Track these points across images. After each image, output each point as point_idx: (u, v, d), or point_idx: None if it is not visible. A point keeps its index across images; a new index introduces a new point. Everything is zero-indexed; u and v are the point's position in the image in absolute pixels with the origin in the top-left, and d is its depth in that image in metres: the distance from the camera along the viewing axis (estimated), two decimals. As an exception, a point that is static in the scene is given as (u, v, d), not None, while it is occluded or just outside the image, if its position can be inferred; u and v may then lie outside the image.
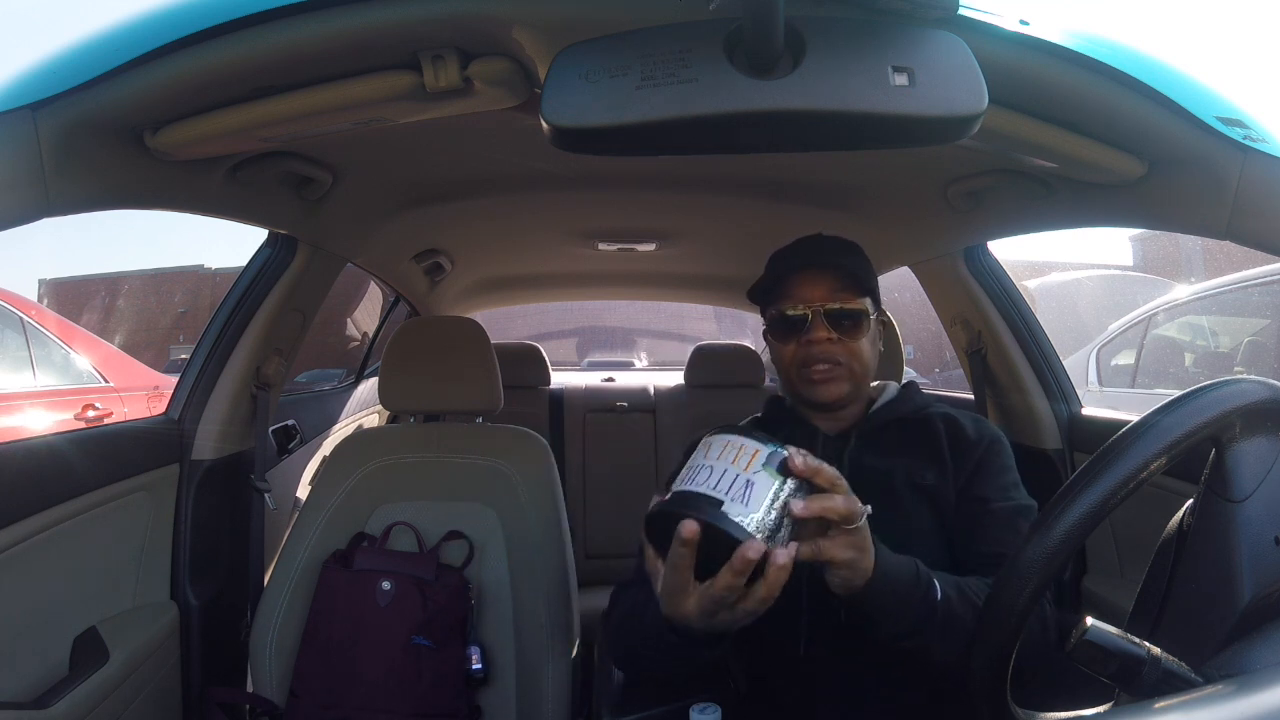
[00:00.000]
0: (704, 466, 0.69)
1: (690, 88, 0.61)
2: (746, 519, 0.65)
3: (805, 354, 0.99)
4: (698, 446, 0.73)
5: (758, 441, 0.69)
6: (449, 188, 1.51)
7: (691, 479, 0.69)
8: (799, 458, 0.68)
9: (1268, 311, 3.37)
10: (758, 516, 0.65)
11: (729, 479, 0.67)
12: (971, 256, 1.57)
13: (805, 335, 0.99)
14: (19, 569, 1.03)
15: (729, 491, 0.66)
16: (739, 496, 0.66)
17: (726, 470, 0.67)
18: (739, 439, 0.69)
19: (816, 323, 0.98)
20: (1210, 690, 0.51)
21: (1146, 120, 0.81)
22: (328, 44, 0.73)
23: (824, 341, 0.98)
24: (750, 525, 0.65)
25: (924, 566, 0.81)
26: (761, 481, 0.67)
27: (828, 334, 0.98)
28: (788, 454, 0.68)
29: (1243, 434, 0.58)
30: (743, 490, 0.66)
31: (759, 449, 0.68)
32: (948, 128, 0.63)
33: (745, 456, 0.68)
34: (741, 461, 0.67)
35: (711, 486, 0.67)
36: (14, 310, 3.37)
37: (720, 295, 2.85)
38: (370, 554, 1.33)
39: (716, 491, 0.66)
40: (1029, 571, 0.57)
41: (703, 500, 0.66)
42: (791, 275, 1.01)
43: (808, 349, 0.99)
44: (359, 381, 2.53)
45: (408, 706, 1.23)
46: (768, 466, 0.67)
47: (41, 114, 0.71)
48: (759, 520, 0.65)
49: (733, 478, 0.67)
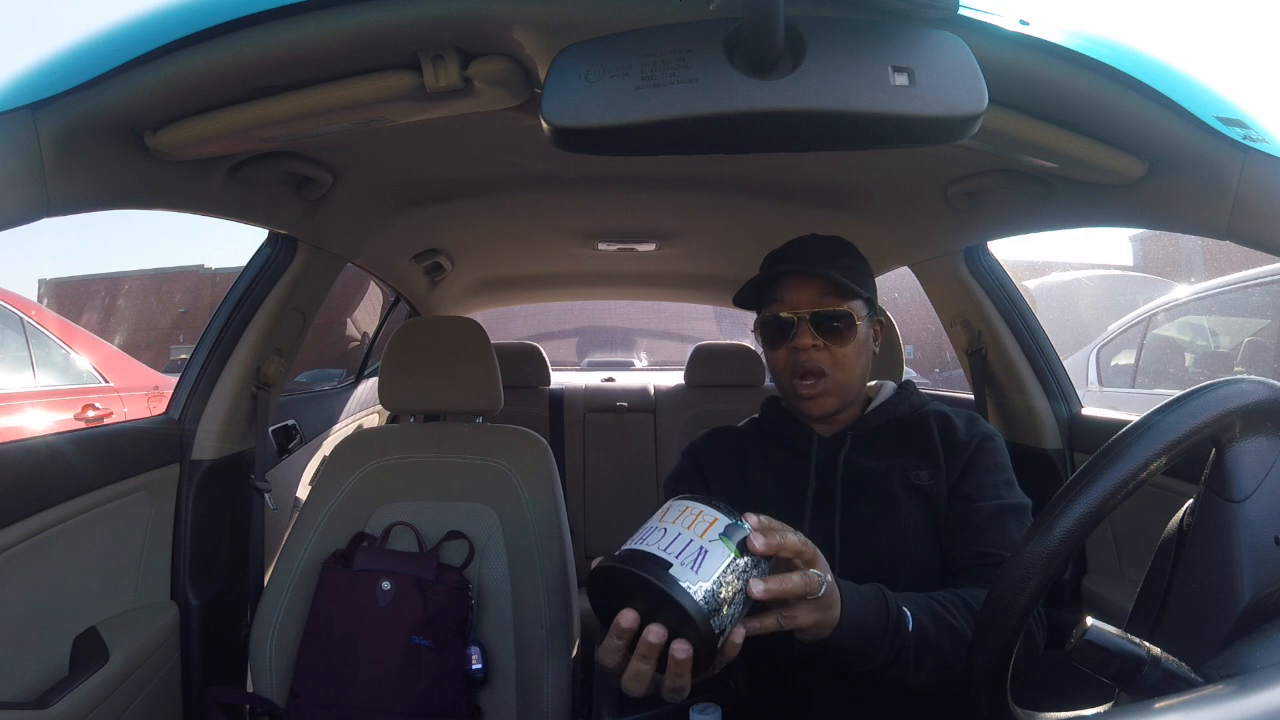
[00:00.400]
0: (658, 528, 0.66)
1: (690, 88, 0.61)
2: (695, 586, 0.62)
3: (794, 361, 0.99)
4: (657, 510, 0.70)
5: (718, 510, 0.66)
6: (449, 188, 1.51)
7: (643, 538, 0.66)
8: (759, 539, 0.66)
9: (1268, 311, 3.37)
10: (706, 586, 0.62)
11: (682, 543, 0.64)
12: (971, 256, 1.57)
13: (792, 341, 0.99)
14: (19, 569, 1.03)
15: (680, 555, 0.63)
16: (689, 562, 0.63)
17: (681, 534, 0.64)
18: (699, 505, 0.67)
19: (802, 329, 0.98)
20: (1210, 690, 0.51)
21: (1146, 120, 0.81)
22: (328, 44, 0.73)
23: (810, 348, 0.98)
24: (698, 594, 0.61)
25: (894, 597, 0.80)
26: (716, 551, 0.64)
27: (814, 340, 0.98)
28: (749, 531, 0.66)
29: (1243, 434, 0.58)
30: (695, 556, 0.63)
31: (718, 518, 0.66)
32: (948, 128, 0.63)
33: (703, 523, 0.65)
34: (698, 528, 0.65)
35: (663, 548, 0.64)
36: (14, 310, 3.37)
37: (720, 295, 2.84)
38: (370, 554, 1.33)
39: (667, 553, 0.63)
40: (1029, 571, 0.57)
41: (651, 560, 0.63)
42: (779, 279, 1.01)
43: (795, 355, 0.99)
44: (359, 381, 2.53)
45: (408, 706, 1.23)
46: (725, 537, 0.65)
47: (41, 114, 0.71)
48: (707, 590, 0.62)
49: (686, 542, 0.64)
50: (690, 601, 0.61)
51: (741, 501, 1.02)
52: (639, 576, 0.62)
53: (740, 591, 0.64)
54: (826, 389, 0.99)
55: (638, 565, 0.63)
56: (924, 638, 0.79)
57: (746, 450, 1.07)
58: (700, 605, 0.61)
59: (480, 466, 1.44)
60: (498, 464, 1.43)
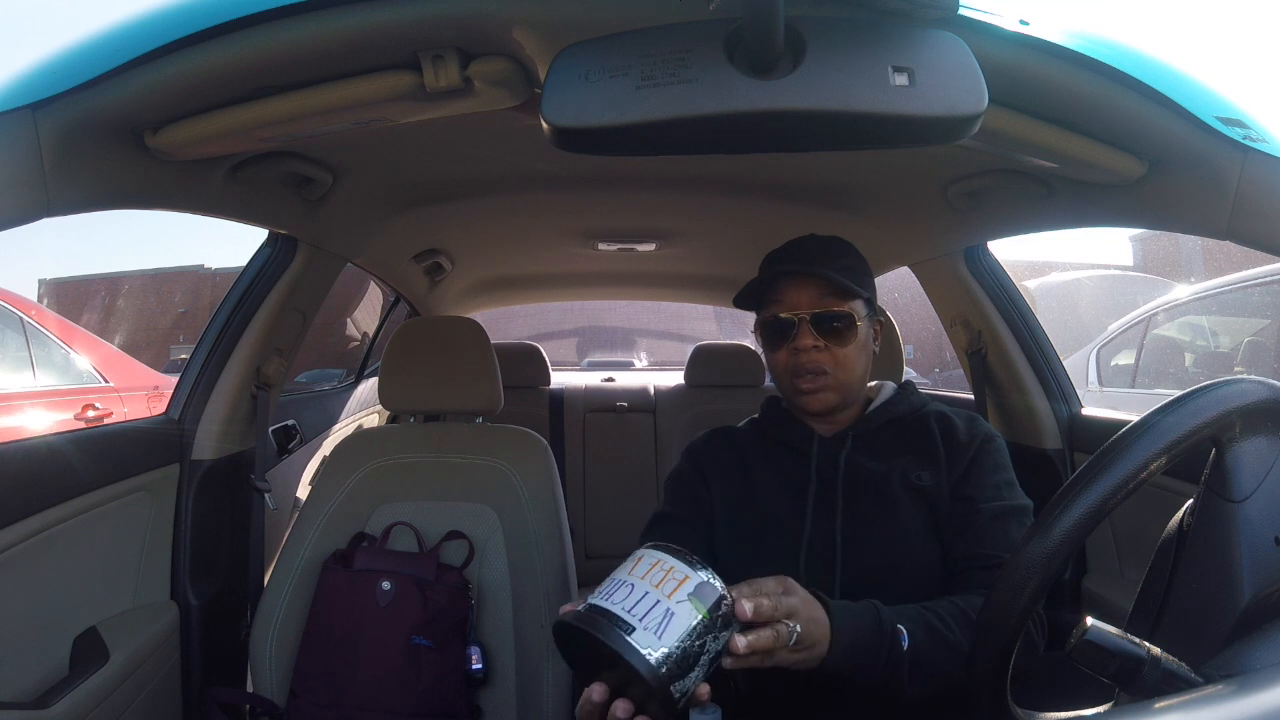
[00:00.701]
0: (626, 583, 0.64)
1: (690, 88, 0.61)
2: (656, 652, 0.60)
3: (794, 362, 0.99)
4: (630, 556, 0.68)
5: (688, 567, 0.65)
6: (449, 188, 1.51)
7: (609, 594, 0.64)
8: (746, 604, 0.66)
9: (1268, 311, 3.37)
10: (667, 650, 0.60)
11: (649, 604, 0.62)
12: (971, 256, 1.57)
13: (792, 342, 0.99)
14: (19, 569, 1.03)
15: (644, 617, 0.61)
16: (653, 626, 0.61)
17: (649, 593, 0.63)
18: (671, 560, 0.65)
19: (803, 329, 0.98)
20: (1210, 690, 0.51)
21: (1146, 120, 0.81)
22: (328, 44, 0.73)
23: (810, 349, 0.98)
24: (658, 660, 0.60)
25: (888, 615, 0.80)
26: (683, 613, 0.62)
27: (814, 340, 0.98)
28: (721, 592, 0.64)
29: (1243, 434, 0.58)
30: (660, 619, 0.61)
31: (688, 575, 0.64)
32: (948, 128, 0.63)
33: (672, 582, 0.63)
34: (667, 587, 0.63)
35: (628, 609, 0.62)
36: (14, 310, 3.37)
37: (720, 295, 2.84)
38: (370, 554, 1.33)
39: (631, 615, 0.61)
40: (1029, 571, 0.57)
41: (614, 621, 0.62)
42: (779, 280, 1.01)
43: (795, 356, 0.99)
44: (359, 381, 2.53)
45: (408, 706, 1.23)
46: (694, 597, 0.63)
47: (41, 114, 0.71)
48: (667, 654, 0.60)
49: (653, 603, 0.62)
50: (648, 669, 0.60)
51: (742, 502, 1.02)
52: (599, 641, 0.61)
53: (707, 654, 0.63)
54: (827, 384, 0.99)
55: (600, 629, 0.62)
56: (919, 654, 0.80)
57: (747, 451, 1.07)
58: (660, 673, 0.60)
59: (480, 466, 1.44)
60: (498, 464, 1.43)
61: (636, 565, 0.66)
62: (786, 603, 0.72)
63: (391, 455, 1.45)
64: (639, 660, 0.60)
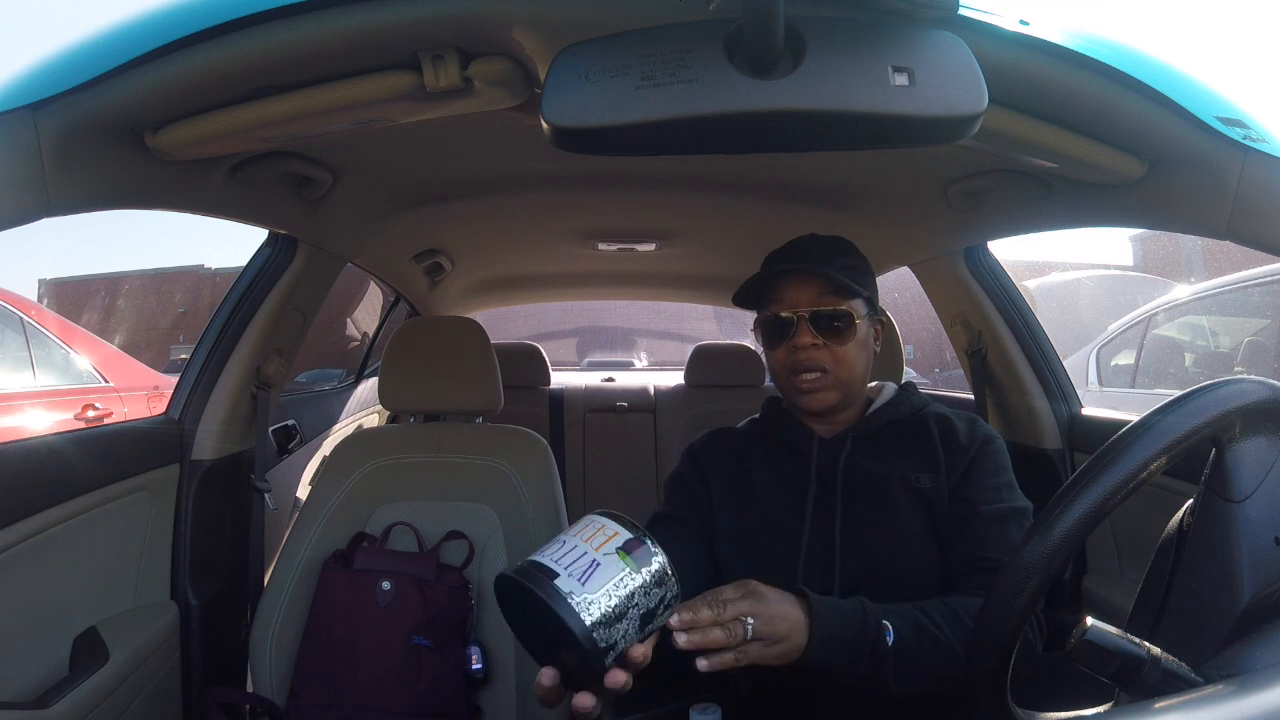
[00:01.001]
0: (559, 541, 0.66)
1: (690, 88, 0.61)
2: (579, 598, 0.61)
3: (793, 360, 0.99)
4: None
5: (621, 525, 0.66)
6: (449, 188, 1.51)
7: (542, 550, 0.65)
8: (677, 616, 0.69)
9: (1268, 311, 3.37)
10: (592, 597, 0.61)
11: (576, 555, 0.63)
12: (971, 256, 1.57)
13: (791, 340, 0.99)
14: (19, 569, 1.03)
15: (570, 566, 0.62)
16: (577, 574, 0.62)
17: (577, 546, 0.64)
18: (604, 520, 0.66)
19: (802, 328, 0.98)
20: (1210, 690, 0.51)
21: (1146, 120, 0.81)
22: (328, 44, 0.73)
23: (809, 347, 0.98)
24: (575, 601, 0.61)
25: (875, 611, 0.81)
26: (609, 564, 0.63)
27: (813, 339, 0.98)
28: (656, 555, 0.65)
29: (1243, 434, 0.58)
30: (585, 568, 0.62)
31: (618, 531, 0.65)
32: (948, 128, 0.63)
33: (602, 537, 0.64)
34: (595, 541, 0.64)
35: (554, 559, 0.63)
36: (14, 310, 3.37)
37: (720, 295, 2.84)
38: (370, 554, 1.33)
39: (557, 564, 0.63)
40: (1028, 571, 0.57)
41: (540, 571, 0.63)
42: (778, 278, 1.01)
43: (794, 354, 0.99)
44: (359, 381, 2.53)
45: (408, 706, 1.23)
46: (622, 551, 0.64)
47: (41, 114, 0.71)
48: (589, 599, 0.61)
49: (579, 554, 0.63)
50: (568, 610, 0.60)
51: (742, 503, 1.02)
52: (524, 586, 0.62)
53: (636, 608, 0.63)
54: (826, 383, 0.99)
55: (527, 576, 0.63)
56: (905, 651, 0.80)
57: (747, 451, 1.07)
58: (581, 619, 0.60)
59: (480, 466, 1.44)
60: (498, 464, 1.43)
61: (573, 527, 0.68)
62: (736, 606, 0.73)
63: (391, 455, 1.45)
64: (559, 603, 0.61)
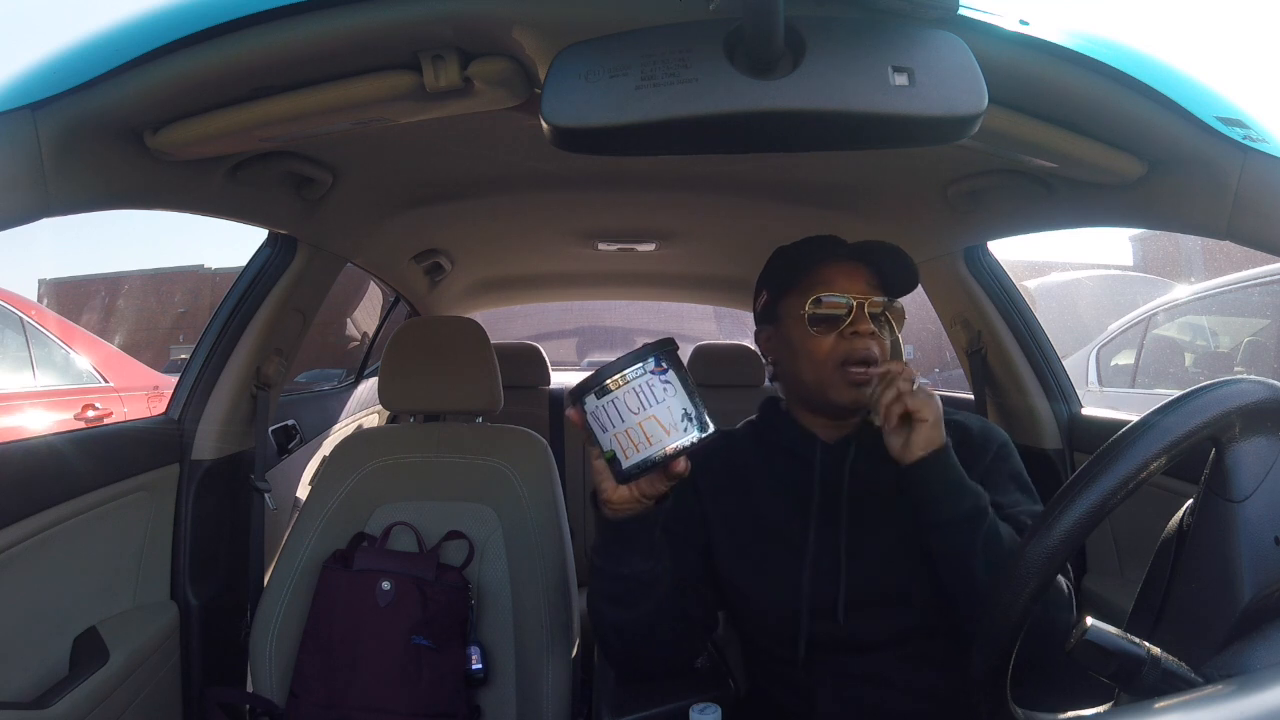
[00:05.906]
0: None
1: (690, 88, 0.61)
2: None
3: (847, 349, 0.92)
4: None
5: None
6: (449, 188, 1.51)
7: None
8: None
9: (1268, 311, 3.37)
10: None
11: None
12: (971, 256, 1.56)
13: (850, 326, 0.92)
14: (19, 569, 1.03)
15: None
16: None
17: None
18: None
19: (859, 315, 0.92)
20: (1210, 690, 0.51)
21: (1146, 120, 0.81)
22: (328, 44, 0.73)
23: (868, 335, 0.92)
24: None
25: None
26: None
27: (870, 327, 0.93)
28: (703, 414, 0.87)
29: (1243, 434, 0.58)
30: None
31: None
32: (948, 128, 0.64)
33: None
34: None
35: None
36: (14, 310, 3.37)
37: (720, 295, 2.84)
38: (370, 554, 1.33)
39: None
40: (1029, 571, 0.57)
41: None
42: (831, 263, 0.96)
43: (849, 343, 0.92)
44: (359, 381, 2.53)
45: (407, 706, 1.23)
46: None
47: (41, 114, 0.71)
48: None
49: None
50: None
51: (740, 513, 1.00)
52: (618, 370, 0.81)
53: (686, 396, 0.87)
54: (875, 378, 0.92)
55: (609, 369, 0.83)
56: (994, 528, 0.85)
57: (743, 457, 1.03)
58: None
59: (480, 466, 1.44)
60: (498, 464, 1.43)
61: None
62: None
63: (391, 455, 1.45)
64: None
